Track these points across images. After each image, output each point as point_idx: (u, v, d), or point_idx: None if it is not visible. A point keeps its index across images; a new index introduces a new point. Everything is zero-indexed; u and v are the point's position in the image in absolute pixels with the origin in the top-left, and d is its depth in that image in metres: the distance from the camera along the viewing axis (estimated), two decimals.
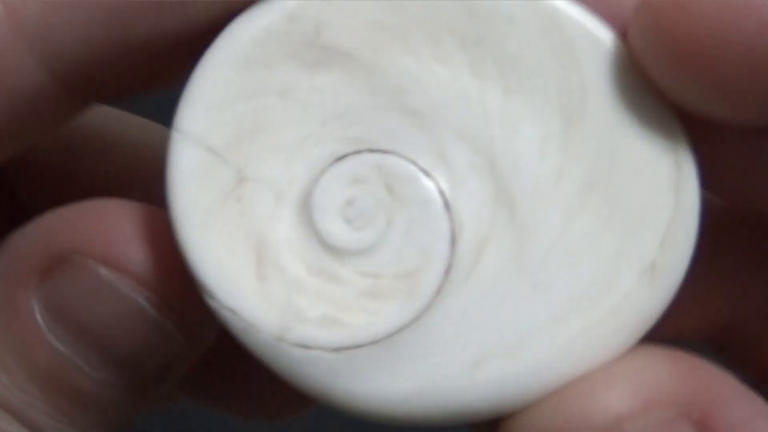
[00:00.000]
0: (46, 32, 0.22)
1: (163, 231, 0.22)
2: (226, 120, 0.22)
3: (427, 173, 0.22)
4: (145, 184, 0.25)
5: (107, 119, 0.30)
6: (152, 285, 0.23)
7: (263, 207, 0.22)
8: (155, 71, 0.23)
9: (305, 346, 0.22)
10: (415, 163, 0.22)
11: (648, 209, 0.22)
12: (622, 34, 0.22)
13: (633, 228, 0.22)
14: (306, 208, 0.22)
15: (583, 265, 0.22)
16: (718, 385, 0.22)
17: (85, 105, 0.24)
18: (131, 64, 0.23)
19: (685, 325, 0.25)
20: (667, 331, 0.23)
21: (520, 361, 0.22)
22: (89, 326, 0.23)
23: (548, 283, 0.22)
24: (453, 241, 0.22)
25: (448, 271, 0.22)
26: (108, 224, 0.23)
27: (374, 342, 0.22)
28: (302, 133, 0.22)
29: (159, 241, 0.23)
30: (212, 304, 0.22)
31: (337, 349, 0.22)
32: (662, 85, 0.21)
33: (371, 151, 0.22)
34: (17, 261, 0.23)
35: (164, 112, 0.23)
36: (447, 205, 0.22)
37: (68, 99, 0.23)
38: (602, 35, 0.22)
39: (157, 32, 0.22)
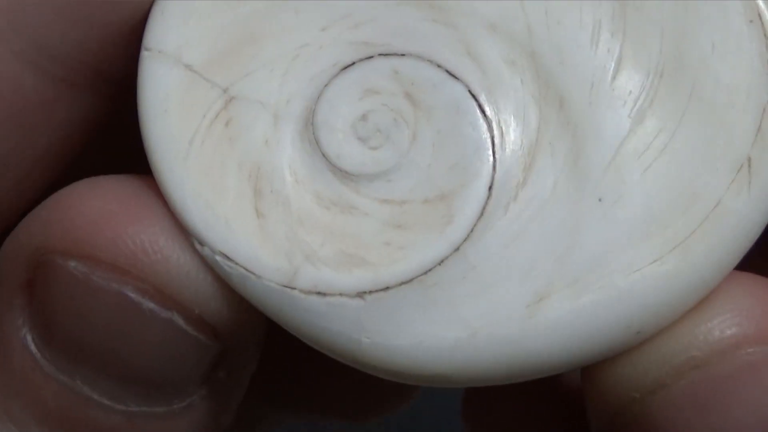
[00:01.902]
0: (16, 22, 0.18)
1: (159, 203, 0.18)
2: (205, 32, 0.18)
3: (454, 75, 0.18)
4: None
5: None
6: (144, 272, 0.18)
7: (258, 130, 0.18)
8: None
9: (320, 293, 0.17)
10: (438, 65, 0.18)
11: (736, 94, 0.18)
12: None
13: (719, 120, 0.18)
14: (310, 128, 0.18)
15: (660, 169, 0.18)
16: None
17: (89, 95, 0.20)
18: (108, 39, 0.19)
19: None
20: None
21: (589, 293, 0.17)
22: (89, 343, 0.18)
23: (618, 195, 0.17)
24: (494, 152, 0.18)
25: (491, 188, 0.18)
26: (79, 209, 0.18)
27: (405, 282, 0.17)
28: (298, 41, 0.18)
29: (151, 214, 0.18)
30: (202, 251, 0.18)
31: (360, 294, 0.17)
32: None
33: (384, 55, 0.18)
34: None
35: None
36: (482, 109, 0.18)
37: (63, 91, 0.19)
38: None
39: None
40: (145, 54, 0.18)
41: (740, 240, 0.18)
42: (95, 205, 0.18)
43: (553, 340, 0.17)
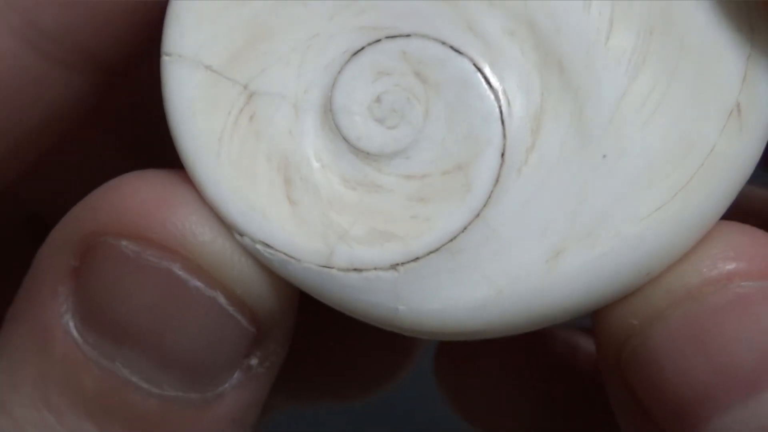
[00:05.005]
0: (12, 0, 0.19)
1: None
2: (220, 33, 0.19)
3: (458, 50, 0.19)
4: None
5: None
6: (191, 252, 0.19)
7: (281, 122, 0.19)
8: (141, 28, 0.20)
9: (357, 269, 0.19)
10: (443, 42, 0.19)
11: (722, 45, 0.19)
12: None
13: (707, 70, 0.19)
14: (330, 115, 0.19)
15: (657, 122, 0.19)
16: None
17: (83, 77, 0.21)
18: (110, 19, 0.20)
19: None
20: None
21: (602, 244, 0.19)
22: (134, 323, 0.19)
23: (620, 149, 0.19)
24: (503, 120, 0.19)
25: (503, 154, 0.19)
26: (129, 195, 0.19)
27: (433, 251, 0.19)
28: (309, 33, 0.19)
29: (196, 204, 0.19)
30: (243, 241, 0.19)
31: (393, 266, 0.19)
32: None
33: (391, 37, 0.19)
34: (39, 272, 0.19)
35: None
36: (488, 81, 0.19)
37: (57, 70, 0.20)
38: None
39: None
40: (165, 59, 0.19)
41: (734, 181, 0.19)
42: (145, 192, 0.19)
43: (571, 290, 0.19)
